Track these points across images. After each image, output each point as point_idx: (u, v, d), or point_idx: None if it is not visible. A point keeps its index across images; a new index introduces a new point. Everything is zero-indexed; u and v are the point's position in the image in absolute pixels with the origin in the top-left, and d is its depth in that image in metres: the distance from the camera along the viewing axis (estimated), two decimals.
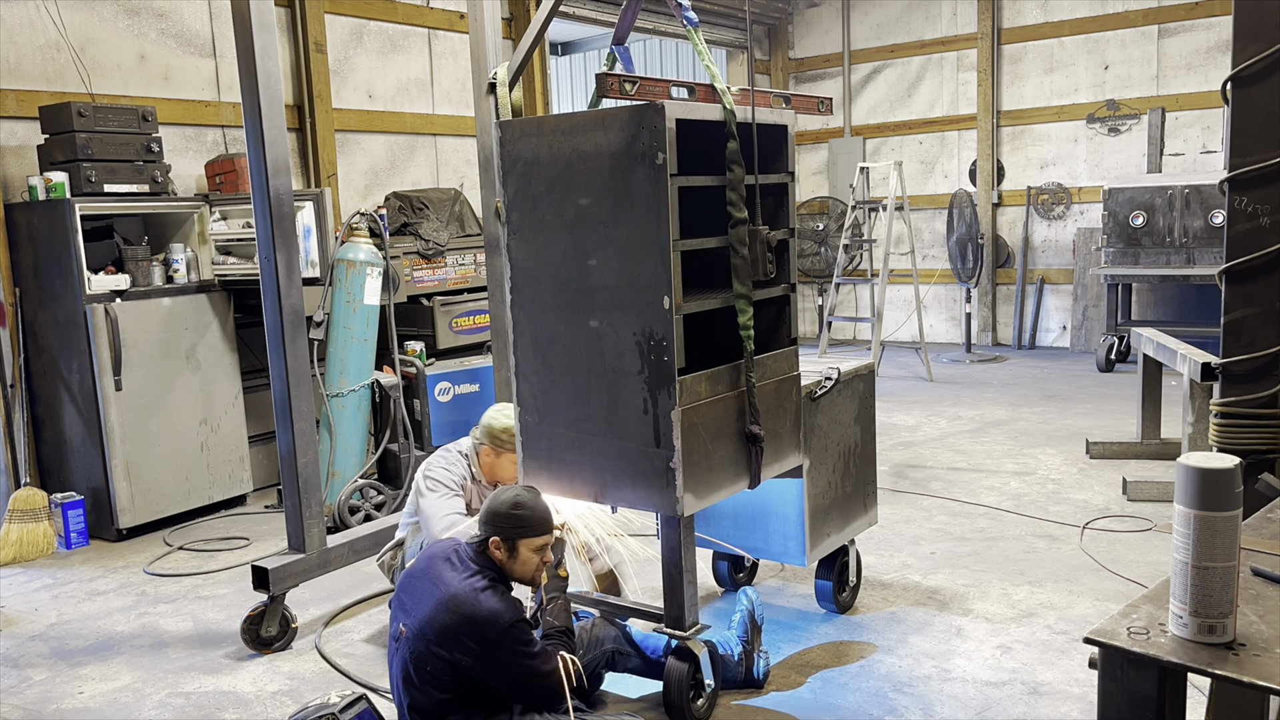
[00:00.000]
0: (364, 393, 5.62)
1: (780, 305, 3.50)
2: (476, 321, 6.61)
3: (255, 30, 3.76)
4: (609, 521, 3.42)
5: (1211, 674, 1.44)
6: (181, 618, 4.33)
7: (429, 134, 7.78)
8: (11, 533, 5.10)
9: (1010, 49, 10.50)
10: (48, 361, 5.45)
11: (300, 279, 4.00)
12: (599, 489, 3.21)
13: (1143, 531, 4.82)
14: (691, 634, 3.17)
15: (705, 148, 3.20)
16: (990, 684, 3.41)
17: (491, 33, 4.56)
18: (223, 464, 5.84)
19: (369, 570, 4.68)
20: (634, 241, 2.98)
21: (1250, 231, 2.44)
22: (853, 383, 3.93)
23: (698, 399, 3.06)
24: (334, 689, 2.68)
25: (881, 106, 11.40)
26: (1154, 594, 1.68)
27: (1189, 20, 9.53)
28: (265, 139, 3.82)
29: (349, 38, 7.19)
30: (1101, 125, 10.09)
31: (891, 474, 6.02)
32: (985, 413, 7.61)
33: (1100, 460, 6.14)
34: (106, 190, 5.31)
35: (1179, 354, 5.01)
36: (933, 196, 11.10)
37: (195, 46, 6.32)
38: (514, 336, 3.30)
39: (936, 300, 11.34)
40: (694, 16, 3.19)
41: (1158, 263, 8.83)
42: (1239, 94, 2.43)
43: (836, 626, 3.93)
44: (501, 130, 3.23)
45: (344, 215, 6.93)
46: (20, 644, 4.12)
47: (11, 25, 5.47)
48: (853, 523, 3.98)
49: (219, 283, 5.80)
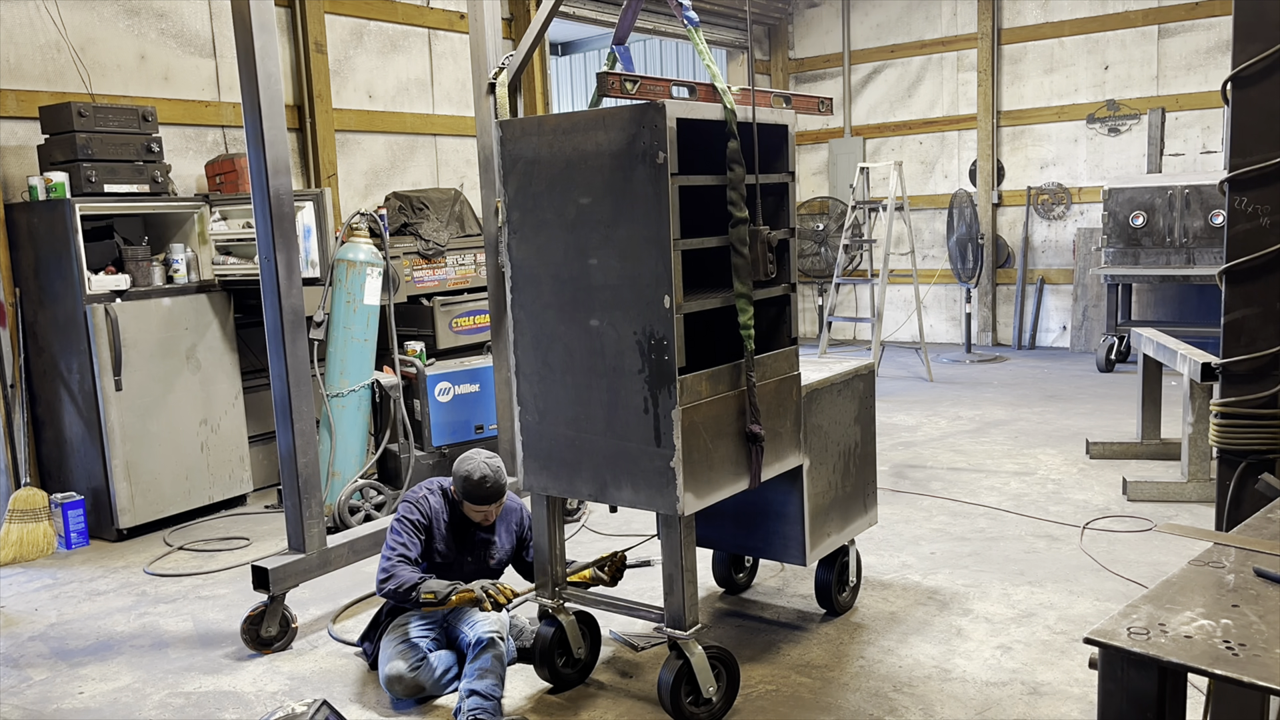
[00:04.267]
0: (364, 393, 5.62)
1: (780, 305, 3.50)
2: (476, 321, 6.61)
3: (255, 30, 3.76)
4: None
5: (1211, 674, 1.43)
6: (181, 618, 4.33)
7: (429, 134, 7.78)
8: (11, 533, 5.10)
9: (1010, 49, 10.50)
10: (48, 361, 5.45)
11: (300, 279, 4.00)
12: (599, 488, 3.21)
13: (1143, 531, 4.82)
14: (690, 634, 3.17)
15: (705, 147, 3.20)
16: (990, 684, 3.41)
17: (491, 33, 4.56)
18: (223, 464, 5.84)
19: (369, 570, 4.68)
20: (635, 241, 2.98)
21: (1250, 231, 2.44)
22: (853, 383, 3.93)
23: (698, 398, 3.06)
24: (290, 699, 2.68)
25: (881, 107, 11.40)
26: (1154, 594, 1.67)
27: (1189, 20, 9.54)
28: (265, 139, 3.82)
29: (349, 38, 7.19)
30: (1101, 125, 10.09)
31: (891, 474, 6.02)
32: (985, 413, 7.61)
33: (1100, 460, 6.14)
34: (106, 190, 5.31)
35: (1179, 354, 5.01)
36: (933, 196, 11.10)
37: (195, 46, 6.32)
38: (514, 336, 3.30)
39: (936, 300, 11.34)
40: (694, 16, 3.19)
41: (1158, 263, 8.83)
42: (1239, 94, 2.43)
43: (836, 626, 3.93)
44: (502, 130, 3.23)
45: (344, 215, 6.94)
46: (20, 644, 4.12)
47: (11, 25, 5.47)
48: (853, 523, 3.98)
49: (219, 283, 5.80)
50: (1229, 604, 1.64)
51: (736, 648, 3.74)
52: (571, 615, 3.50)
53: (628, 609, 3.41)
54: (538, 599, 3.51)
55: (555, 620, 3.46)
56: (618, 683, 3.56)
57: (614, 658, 3.75)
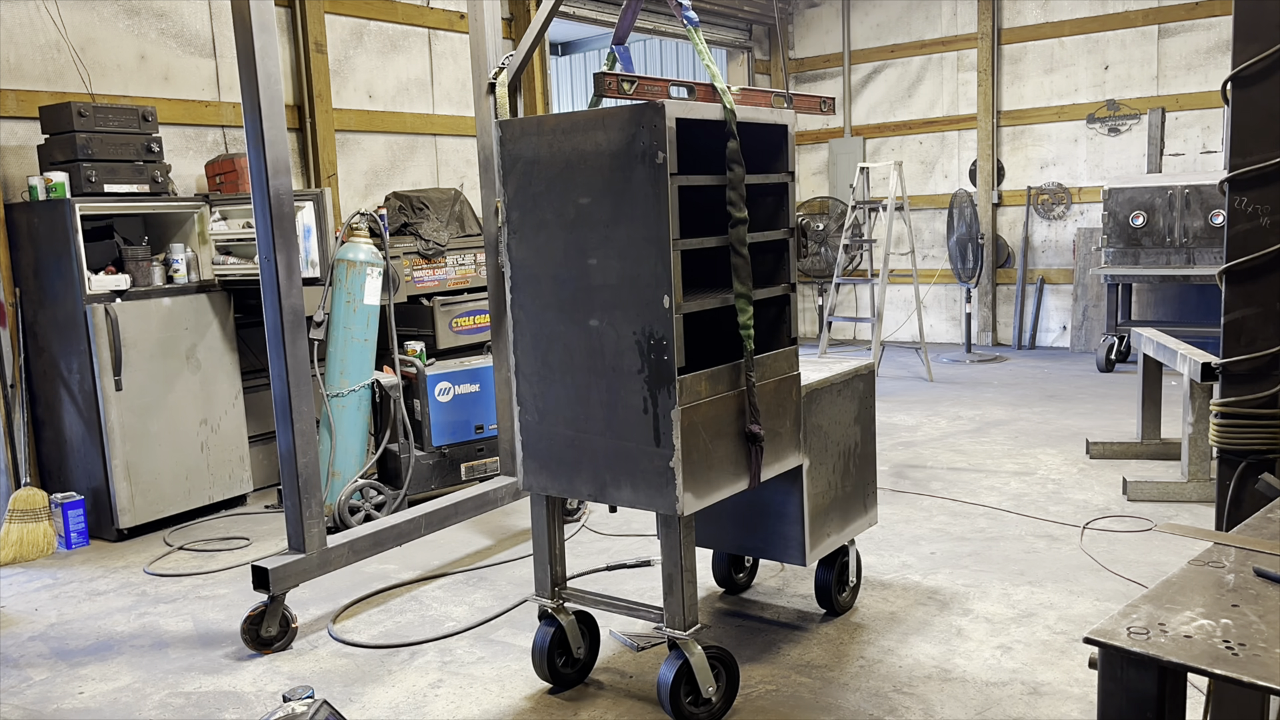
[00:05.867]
0: (364, 393, 5.63)
1: (780, 305, 3.50)
2: (476, 321, 6.61)
3: (255, 30, 3.76)
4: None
5: (1211, 674, 1.43)
6: (181, 618, 4.33)
7: (429, 134, 7.78)
8: (11, 533, 5.11)
9: (1010, 49, 10.50)
10: (48, 361, 5.45)
11: (300, 279, 4.00)
12: (598, 488, 3.21)
13: (1143, 531, 4.82)
14: (690, 634, 3.17)
15: (703, 148, 3.20)
16: (990, 684, 3.41)
17: (491, 33, 4.57)
18: (223, 464, 5.84)
19: (369, 570, 4.69)
20: (634, 241, 2.98)
21: (1250, 231, 2.44)
22: (853, 383, 3.93)
23: (698, 398, 3.06)
24: (294, 700, 2.68)
25: (881, 106, 11.40)
26: (1154, 594, 1.67)
27: (1189, 20, 9.54)
28: (265, 139, 3.82)
29: (349, 38, 7.19)
30: (1101, 125, 10.09)
31: (891, 474, 6.02)
32: (985, 413, 7.61)
33: (1100, 460, 6.14)
34: (106, 190, 5.31)
35: (1179, 354, 5.01)
36: (933, 196, 11.10)
37: (195, 46, 6.32)
38: (514, 336, 3.30)
39: (936, 300, 11.34)
40: (694, 16, 3.19)
41: (1158, 263, 8.83)
42: (1239, 94, 2.43)
43: (836, 626, 3.93)
44: (501, 130, 3.23)
45: (344, 215, 6.94)
46: (20, 644, 4.12)
47: (11, 25, 5.47)
48: (853, 523, 3.98)
49: (219, 283, 5.80)
50: (1229, 604, 1.64)
51: (736, 648, 3.74)
52: (571, 615, 3.50)
53: (627, 609, 3.41)
54: (537, 597, 3.51)
55: (555, 620, 3.47)
56: (617, 683, 3.56)
57: (614, 658, 3.75)
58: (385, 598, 4.44)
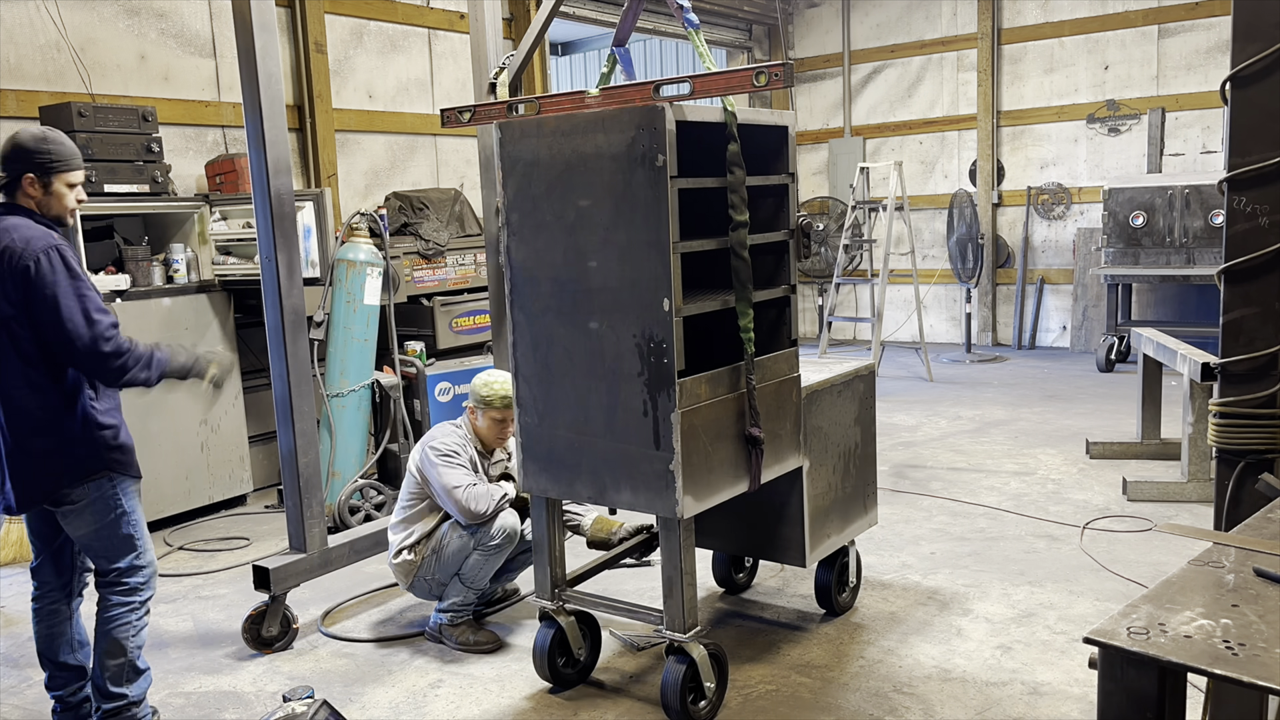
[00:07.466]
0: (364, 393, 5.63)
1: (780, 306, 3.50)
2: (476, 321, 6.61)
3: (255, 30, 3.77)
4: None
5: (1211, 674, 1.44)
6: (182, 618, 4.33)
7: (429, 134, 7.78)
8: (12, 533, 5.10)
9: (1010, 49, 10.50)
10: None
11: (301, 279, 4.00)
12: (598, 490, 3.21)
13: (1143, 531, 4.82)
14: (690, 636, 3.17)
15: (704, 147, 3.19)
16: (990, 684, 3.41)
17: (491, 33, 4.56)
18: (223, 464, 5.84)
19: (369, 570, 4.69)
20: (634, 243, 2.98)
21: (1249, 231, 2.44)
22: (853, 383, 3.93)
23: (698, 401, 3.06)
24: (294, 700, 2.68)
25: (881, 107, 11.41)
26: (1154, 594, 1.68)
27: (1189, 20, 9.54)
28: (266, 139, 3.82)
29: (349, 38, 7.19)
30: (1101, 125, 10.09)
31: (891, 474, 6.02)
32: (985, 413, 7.61)
33: (1100, 460, 6.14)
34: (107, 190, 5.31)
35: (1179, 354, 5.01)
36: (933, 196, 11.10)
37: (195, 46, 6.32)
38: (514, 338, 3.30)
39: (936, 300, 11.34)
40: (695, 18, 3.19)
41: (1158, 263, 8.83)
42: (1238, 94, 2.43)
43: (836, 626, 3.93)
44: (501, 131, 3.23)
45: (344, 215, 6.93)
46: (20, 644, 4.12)
47: (11, 25, 5.47)
48: (853, 523, 3.98)
49: (219, 283, 5.80)
50: (1229, 604, 1.64)
51: (736, 648, 3.74)
52: (571, 616, 3.50)
53: (627, 610, 3.42)
54: (537, 599, 3.51)
55: (555, 621, 3.47)
56: (617, 683, 3.56)
57: (614, 658, 3.75)
58: (382, 596, 4.45)
